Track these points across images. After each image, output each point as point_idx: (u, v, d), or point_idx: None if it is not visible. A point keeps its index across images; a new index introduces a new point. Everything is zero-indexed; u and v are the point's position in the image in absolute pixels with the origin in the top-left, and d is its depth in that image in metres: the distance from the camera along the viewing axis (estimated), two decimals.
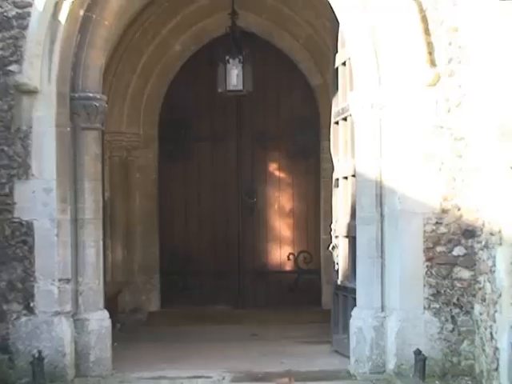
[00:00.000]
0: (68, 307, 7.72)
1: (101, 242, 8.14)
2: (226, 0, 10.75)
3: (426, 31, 7.47)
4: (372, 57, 7.67)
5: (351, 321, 7.89)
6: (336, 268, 8.95)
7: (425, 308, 7.51)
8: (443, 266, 7.51)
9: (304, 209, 12.60)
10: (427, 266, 7.50)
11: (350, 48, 7.94)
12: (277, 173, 12.69)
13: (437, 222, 7.51)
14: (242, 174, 12.47)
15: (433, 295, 7.51)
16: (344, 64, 8.55)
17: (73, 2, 7.63)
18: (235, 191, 12.47)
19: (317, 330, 9.76)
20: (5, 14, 7.54)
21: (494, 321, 6.90)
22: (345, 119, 8.61)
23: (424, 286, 7.50)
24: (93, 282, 7.98)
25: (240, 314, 11.44)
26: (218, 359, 8.46)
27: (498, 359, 6.82)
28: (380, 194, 7.74)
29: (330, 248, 9.11)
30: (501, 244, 6.75)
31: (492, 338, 6.97)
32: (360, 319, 7.80)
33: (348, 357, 7.97)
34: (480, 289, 7.33)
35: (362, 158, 7.85)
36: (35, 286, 7.58)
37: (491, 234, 6.99)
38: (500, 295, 6.75)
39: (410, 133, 7.53)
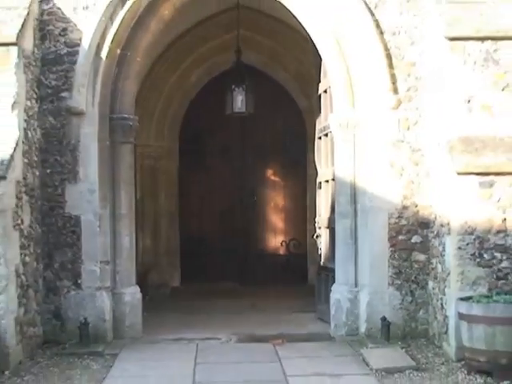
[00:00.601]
0: (108, 283, 7.73)
1: (133, 232, 8.16)
2: (232, 41, 10.73)
3: (390, 65, 7.49)
4: (347, 86, 7.68)
5: (331, 294, 7.89)
6: (319, 252, 8.95)
7: (389, 284, 7.52)
8: (404, 251, 7.52)
9: (294, 206, 12.60)
10: (391, 251, 7.51)
11: (330, 79, 7.95)
12: (272, 177, 12.70)
13: (399, 216, 7.51)
14: (245, 178, 12.46)
15: (395, 274, 7.51)
16: (325, 91, 8.55)
17: (112, 43, 7.66)
18: (240, 191, 12.46)
19: (304, 302, 9.72)
20: (58, 52, 7.56)
21: (444, 294, 6.92)
22: (326, 135, 8.61)
23: (388, 266, 7.51)
24: (127, 264, 8.00)
25: (243, 289, 11.37)
26: (226, 325, 8.44)
27: (447, 324, 6.84)
28: (354, 193, 7.75)
29: (315, 236, 9.11)
30: (449, 233, 6.76)
31: (442, 307, 6.99)
32: (338, 293, 7.80)
33: (329, 323, 7.97)
34: (433, 269, 7.34)
35: (340, 166, 7.85)
36: (82, 267, 7.60)
37: (442, 225, 7.01)
38: (448, 274, 6.77)
39: (377, 146, 7.54)
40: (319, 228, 8.94)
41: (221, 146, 12.43)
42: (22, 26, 7.05)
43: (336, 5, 7.56)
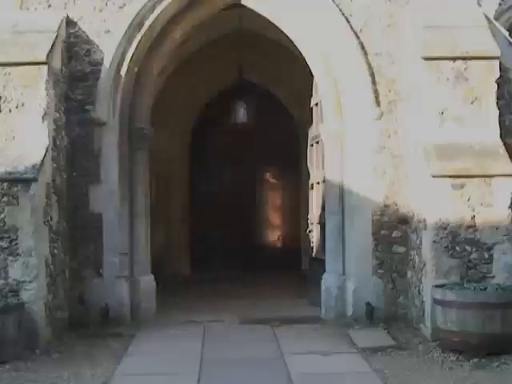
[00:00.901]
0: (126, 273, 7.72)
1: (149, 228, 8.14)
2: (235, 60, 10.74)
3: (373, 82, 7.48)
4: (336, 100, 7.66)
5: (322, 282, 7.86)
6: (311, 245, 8.94)
7: (373, 273, 7.49)
8: (386, 244, 7.49)
9: (289, 204, 12.62)
10: (374, 244, 7.49)
11: (321, 94, 7.94)
12: (271, 179, 12.74)
13: (381, 214, 7.49)
14: (247, 181, 12.47)
15: (378, 264, 7.49)
16: (317, 104, 8.54)
17: (130, 62, 7.66)
18: (242, 192, 12.47)
19: (298, 289, 9.66)
20: (83, 70, 7.58)
21: (421, 282, 6.91)
22: (317, 142, 8.60)
23: (372, 258, 7.49)
24: (143, 255, 7.98)
25: (244, 278, 11.33)
26: (230, 309, 8.42)
27: (423, 309, 6.83)
28: (342, 194, 7.72)
29: (307, 231, 9.10)
30: (425, 229, 6.76)
31: (419, 294, 6.97)
32: (328, 281, 7.77)
33: (320, 307, 7.93)
34: (411, 260, 7.32)
35: (329, 169, 7.84)
36: (103, 258, 7.59)
37: (419, 222, 7.00)
38: (425, 264, 6.76)
39: (362, 152, 7.52)
40: (311, 224, 8.93)
41: (225, 152, 12.44)
42: (52, 47, 7.06)
43: (325, 29, 7.54)
